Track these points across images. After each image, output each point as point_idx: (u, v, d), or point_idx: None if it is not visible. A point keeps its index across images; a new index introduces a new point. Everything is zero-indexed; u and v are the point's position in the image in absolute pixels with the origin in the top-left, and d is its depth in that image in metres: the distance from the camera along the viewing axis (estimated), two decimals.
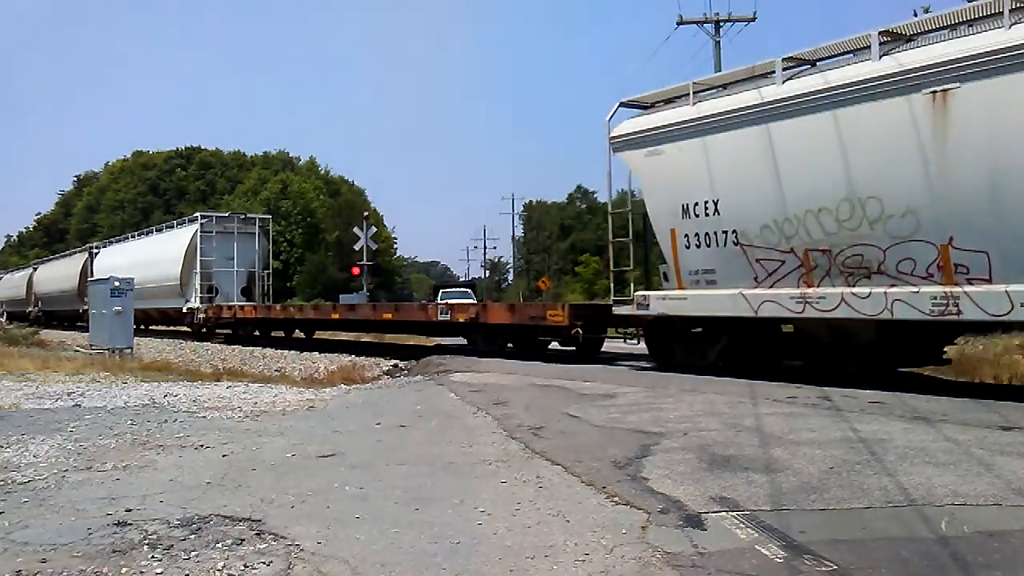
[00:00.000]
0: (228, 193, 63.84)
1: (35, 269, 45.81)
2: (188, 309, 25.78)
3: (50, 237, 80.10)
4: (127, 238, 36.74)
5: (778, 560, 3.53)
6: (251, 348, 21.35)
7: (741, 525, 4.00)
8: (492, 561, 3.62)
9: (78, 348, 22.26)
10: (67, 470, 5.51)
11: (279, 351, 19.98)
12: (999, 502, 4.31)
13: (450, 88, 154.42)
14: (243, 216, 27.50)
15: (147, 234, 33.23)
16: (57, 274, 39.74)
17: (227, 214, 27.12)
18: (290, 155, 71.62)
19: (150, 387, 10.89)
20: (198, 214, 27.78)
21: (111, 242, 37.92)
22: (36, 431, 7.01)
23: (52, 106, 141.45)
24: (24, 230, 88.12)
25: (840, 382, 9.07)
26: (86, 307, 30.95)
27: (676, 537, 3.87)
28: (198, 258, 25.91)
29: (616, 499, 4.53)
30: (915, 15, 27.72)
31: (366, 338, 23.61)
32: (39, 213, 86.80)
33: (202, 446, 6.37)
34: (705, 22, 27.09)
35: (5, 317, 43.65)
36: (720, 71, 24.66)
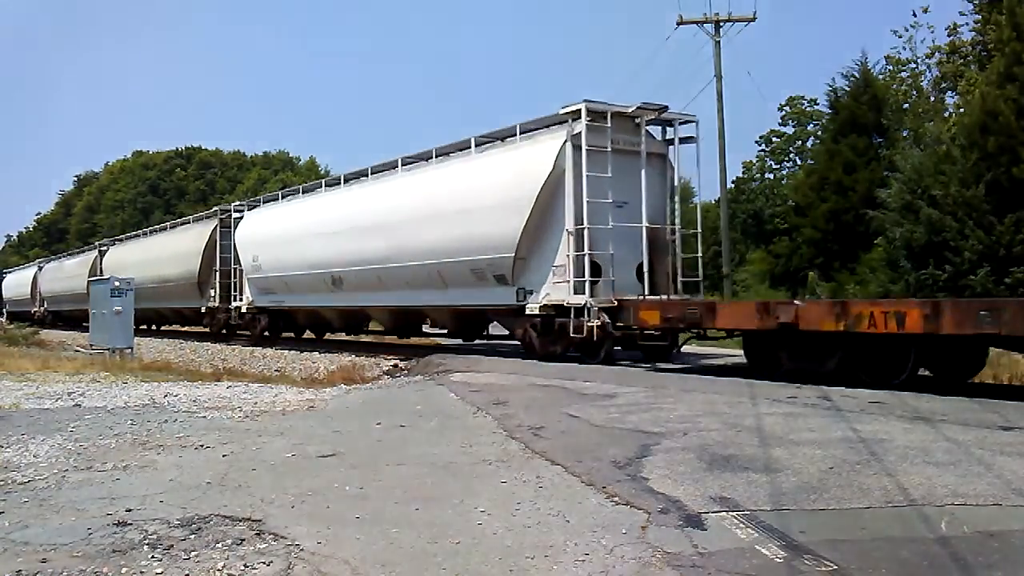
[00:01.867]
0: (228, 193, 63.80)
1: (103, 254, 33.70)
2: (543, 308, 12.60)
3: (50, 237, 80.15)
4: (338, 183, 19.36)
5: (778, 560, 3.53)
6: (251, 348, 21.26)
7: (741, 525, 4.00)
8: (492, 561, 3.62)
9: (78, 348, 22.28)
10: (67, 470, 5.52)
11: (279, 351, 19.90)
12: (999, 502, 4.31)
13: (450, 88, 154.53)
14: (657, 110, 12.69)
15: (380, 175, 17.39)
16: (154, 256, 26.88)
17: (630, 107, 12.54)
18: (290, 155, 71.72)
19: (150, 387, 10.90)
20: (582, 106, 12.12)
21: (260, 201, 22.65)
22: (36, 431, 7.02)
23: (52, 106, 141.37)
24: (24, 230, 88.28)
25: (840, 382, 9.07)
26: (212, 304, 23.93)
27: (676, 537, 3.86)
28: (568, 202, 12.16)
29: (616, 499, 4.53)
30: (914, 15, 27.88)
31: (366, 339, 20.45)
32: (39, 213, 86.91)
33: (202, 446, 6.37)
34: (705, 22, 27.07)
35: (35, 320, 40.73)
36: (720, 72, 24.36)
